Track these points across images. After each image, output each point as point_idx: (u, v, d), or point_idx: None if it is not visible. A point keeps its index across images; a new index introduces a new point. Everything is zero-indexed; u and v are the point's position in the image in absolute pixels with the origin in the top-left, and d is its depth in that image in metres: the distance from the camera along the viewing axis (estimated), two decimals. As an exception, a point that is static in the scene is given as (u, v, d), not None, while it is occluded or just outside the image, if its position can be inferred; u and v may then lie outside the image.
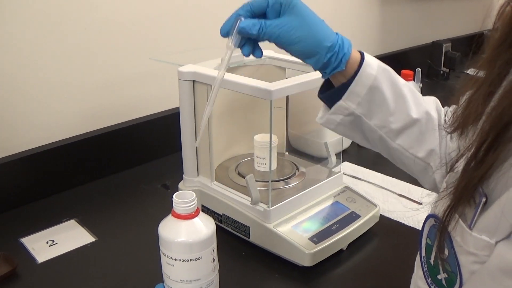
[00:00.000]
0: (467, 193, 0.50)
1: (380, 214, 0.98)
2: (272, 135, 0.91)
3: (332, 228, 0.89)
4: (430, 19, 2.17)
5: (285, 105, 1.13)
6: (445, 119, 0.58)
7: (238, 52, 0.69)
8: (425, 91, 1.35)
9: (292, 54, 0.68)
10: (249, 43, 0.68)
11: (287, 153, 1.14)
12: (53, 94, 1.11)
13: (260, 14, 0.67)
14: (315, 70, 0.70)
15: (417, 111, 0.69)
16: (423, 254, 0.58)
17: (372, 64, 0.68)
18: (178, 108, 0.94)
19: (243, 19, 0.66)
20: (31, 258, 0.89)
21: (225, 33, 0.67)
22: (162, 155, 1.28)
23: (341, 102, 0.69)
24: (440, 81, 2.02)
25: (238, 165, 1.04)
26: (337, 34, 0.68)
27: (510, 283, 0.45)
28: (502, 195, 0.47)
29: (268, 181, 0.92)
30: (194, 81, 0.91)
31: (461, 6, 2.33)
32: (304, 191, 0.93)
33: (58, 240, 0.94)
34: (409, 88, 0.71)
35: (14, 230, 0.97)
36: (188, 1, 1.29)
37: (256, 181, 0.89)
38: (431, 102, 0.73)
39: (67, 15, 1.08)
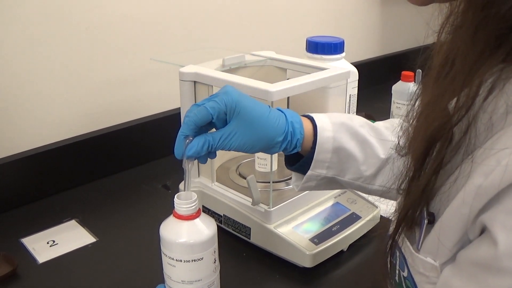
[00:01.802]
0: (410, 214, 0.50)
1: (380, 215, 0.98)
2: (273, 136, 0.91)
3: (333, 229, 0.89)
4: (431, 19, 2.17)
5: (286, 106, 1.13)
6: (398, 140, 0.58)
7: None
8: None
9: (250, 153, 0.69)
10: (204, 157, 0.68)
11: (287, 154, 1.14)
12: (54, 94, 1.11)
13: (208, 124, 0.66)
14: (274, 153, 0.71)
15: (384, 150, 0.71)
16: (388, 270, 0.58)
17: (326, 127, 0.70)
18: (179, 108, 0.94)
19: (191, 138, 0.65)
20: (32, 259, 0.89)
21: (181, 156, 0.66)
22: (163, 155, 1.28)
23: (310, 172, 0.71)
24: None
25: (239, 166, 1.04)
26: (285, 117, 0.68)
27: None
28: (439, 218, 0.47)
29: (269, 182, 0.92)
30: (195, 82, 0.91)
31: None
32: (305, 192, 0.92)
33: (58, 241, 0.94)
34: (370, 127, 0.72)
35: (15, 230, 0.97)
36: (190, 1, 1.29)
37: (257, 181, 0.89)
38: (394, 128, 0.73)
39: (69, 15, 1.08)
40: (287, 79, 1.02)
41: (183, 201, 0.68)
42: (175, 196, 0.69)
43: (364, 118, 0.76)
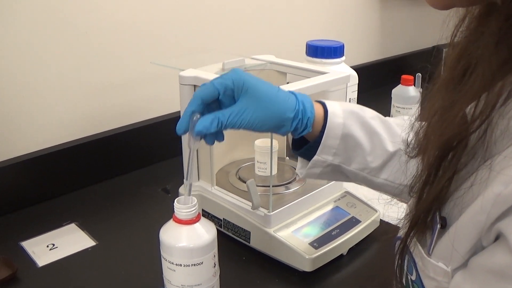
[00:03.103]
0: (422, 218, 0.50)
1: (380, 219, 0.98)
2: (273, 140, 0.91)
3: (333, 233, 0.89)
4: (431, 23, 2.18)
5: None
6: (406, 141, 0.57)
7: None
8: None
9: (258, 132, 0.66)
10: (210, 136, 0.66)
11: (287, 158, 1.14)
12: (53, 97, 1.11)
13: (213, 103, 0.65)
14: (285, 134, 0.70)
15: (392, 144, 0.70)
16: (397, 274, 0.57)
17: (337, 113, 0.69)
18: (179, 112, 0.95)
19: (198, 115, 0.63)
20: (31, 262, 0.89)
21: (183, 132, 0.64)
22: (163, 159, 1.28)
23: (317, 157, 0.70)
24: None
25: (239, 170, 1.04)
26: (295, 96, 0.67)
27: None
28: (453, 223, 0.47)
29: (268, 186, 0.92)
30: (195, 86, 0.91)
31: (461, 9, 2.33)
32: (305, 196, 0.93)
33: (58, 244, 0.94)
34: (380, 120, 0.72)
35: (14, 234, 0.96)
36: (190, 5, 1.29)
37: (257, 186, 0.89)
38: (406, 127, 0.72)
39: (68, 19, 1.08)
40: (287, 83, 1.02)
41: (183, 206, 0.68)
42: (175, 200, 0.69)
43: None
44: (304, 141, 0.73)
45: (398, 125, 0.74)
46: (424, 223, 0.50)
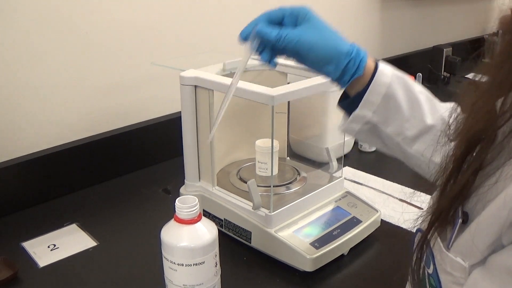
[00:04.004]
0: (445, 212, 0.50)
1: (381, 219, 0.98)
2: (274, 140, 0.91)
3: (334, 233, 0.89)
4: (431, 23, 2.18)
5: (286, 110, 1.14)
6: (448, 124, 0.57)
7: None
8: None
9: (310, 63, 0.69)
10: (267, 50, 0.69)
11: (288, 158, 1.14)
12: (54, 98, 1.11)
13: (278, 23, 0.69)
14: (333, 81, 0.70)
15: (432, 117, 0.70)
16: (414, 266, 0.57)
17: (386, 72, 0.69)
18: (179, 112, 0.95)
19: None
20: (33, 263, 0.89)
21: (245, 36, 0.69)
22: (164, 159, 1.28)
23: (357, 111, 0.70)
24: (441, 86, 2.02)
25: (240, 170, 1.04)
26: (352, 43, 0.70)
27: None
28: (475, 219, 0.47)
29: (269, 186, 0.92)
30: (196, 86, 0.92)
31: (461, 10, 2.34)
32: (306, 196, 0.93)
33: (59, 245, 0.94)
34: (426, 95, 0.72)
35: (16, 234, 0.97)
36: (190, 6, 1.29)
37: (258, 186, 0.89)
38: (449, 109, 0.73)
39: (69, 20, 1.08)
40: (288, 83, 1.03)
41: (185, 206, 0.68)
42: (176, 200, 0.69)
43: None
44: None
45: (443, 107, 0.73)
46: (446, 218, 0.50)
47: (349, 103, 0.72)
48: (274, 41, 0.66)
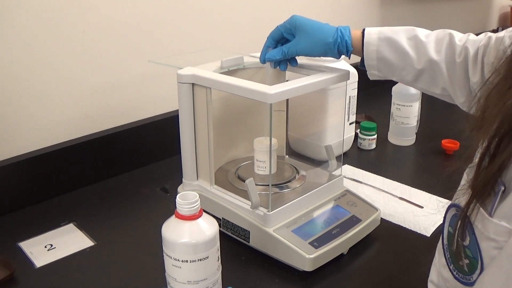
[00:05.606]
0: (485, 187, 0.53)
1: (381, 218, 0.97)
2: (272, 138, 0.91)
3: (333, 232, 0.88)
4: (430, 21, 2.17)
5: (285, 108, 1.13)
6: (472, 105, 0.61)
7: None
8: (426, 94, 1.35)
9: (314, 56, 0.91)
10: (283, 61, 0.92)
11: (287, 156, 1.13)
12: (52, 97, 1.10)
13: (282, 39, 0.91)
14: (338, 58, 0.91)
15: (419, 62, 0.84)
16: (445, 242, 0.61)
17: (372, 41, 0.86)
18: (177, 110, 0.94)
19: (270, 49, 0.91)
20: (29, 263, 0.88)
21: (263, 61, 0.92)
22: (161, 158, 1.27)
23: (367, 71, 0.90)
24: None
25: (238, 168, 1.03)
26: (336, 28, 0.87)
27: None
28: None
29: (268, 185, 0.92)
30: (193, 84, 0.91)
31: (461, 7, 2.33)
32: (305, 195, 0.92)
33: (56, 244, 0.94)
34: (415, 42, 0.85)
35: (12, 234, 0.96)
36: (188, 3, 1.28)
37: (256, 184, 0.89)
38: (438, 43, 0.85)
39: (66, 18, 1.08)
40: (286, 80, 1.02)
41: (186, 202, 0.68)
42: (177, 196, 0.69)
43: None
44: None
45: (435, 41, 0.85)
46: (486, 191, 0.53)
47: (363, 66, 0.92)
48: (281, 58, 0.89)
